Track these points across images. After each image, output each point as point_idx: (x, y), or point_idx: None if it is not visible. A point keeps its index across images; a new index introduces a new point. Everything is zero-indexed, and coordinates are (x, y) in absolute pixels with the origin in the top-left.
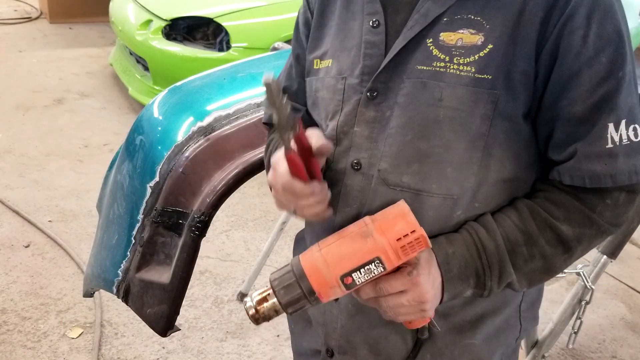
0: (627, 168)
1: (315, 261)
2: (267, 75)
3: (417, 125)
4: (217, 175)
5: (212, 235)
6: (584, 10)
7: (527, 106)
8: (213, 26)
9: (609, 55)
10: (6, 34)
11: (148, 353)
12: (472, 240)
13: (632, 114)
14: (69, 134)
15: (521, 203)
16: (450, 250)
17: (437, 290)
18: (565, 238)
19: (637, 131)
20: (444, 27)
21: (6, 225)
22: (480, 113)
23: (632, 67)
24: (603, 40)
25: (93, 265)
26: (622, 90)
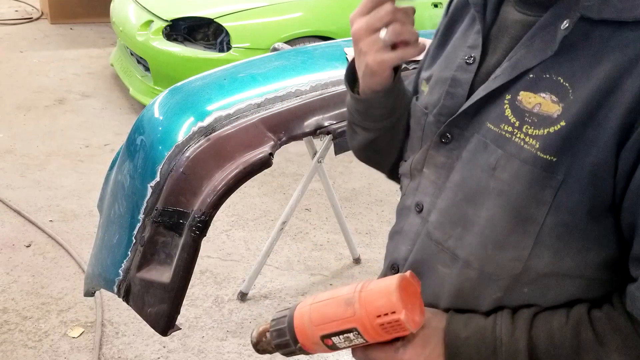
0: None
1: (303, 315)
2: None
3: (468, 187)
4: (217, 175)
5: (213, 234)
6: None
7: (592, 203)
8: (214, 27)
9: None
10: (7, 34)
11: (149, 352)
12: (493, 331)
13: None
14: (70, 134)
15: (577, 309)
16: (463, 335)
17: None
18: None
19: None
20: (527, 85)
21: (7, 225)
22: (535, 196)
23: None
24: None
25: (94, 265)
26: None
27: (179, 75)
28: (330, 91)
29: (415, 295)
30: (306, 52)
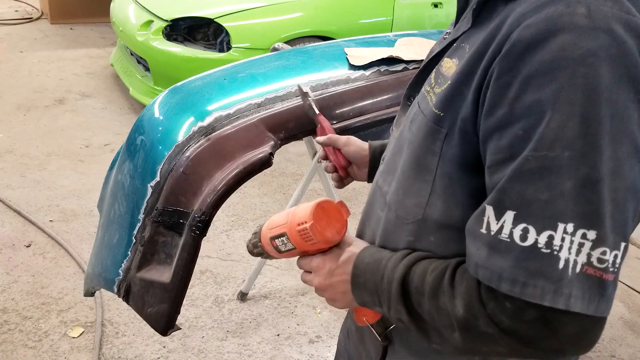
0: (492, 266)
1: (267, 221)
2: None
3: (400, 140)
4: (217, 175)
5: (213, 234)
6: (522, 52)
7: (464, 157)
8: (214, 27)
9: (524, 127)
10: (7, 34)
11: (149, 352)
12: (385, 262)
13: (528, 211)
14: (70, 134)
15: (455, 259)
16: (367, 260)
17: (340, 287)
18: (454, 316)
19: (527, 235)
20: (450, 52)
21: (7, 225)
22: (430, 147)
23: (571, 159)
24: (529, 106)
25: (94, 265)
26: (522, 175)
27: (179, 75)
28: (330, 91)
29: (335, 218)
30: (306, 52)
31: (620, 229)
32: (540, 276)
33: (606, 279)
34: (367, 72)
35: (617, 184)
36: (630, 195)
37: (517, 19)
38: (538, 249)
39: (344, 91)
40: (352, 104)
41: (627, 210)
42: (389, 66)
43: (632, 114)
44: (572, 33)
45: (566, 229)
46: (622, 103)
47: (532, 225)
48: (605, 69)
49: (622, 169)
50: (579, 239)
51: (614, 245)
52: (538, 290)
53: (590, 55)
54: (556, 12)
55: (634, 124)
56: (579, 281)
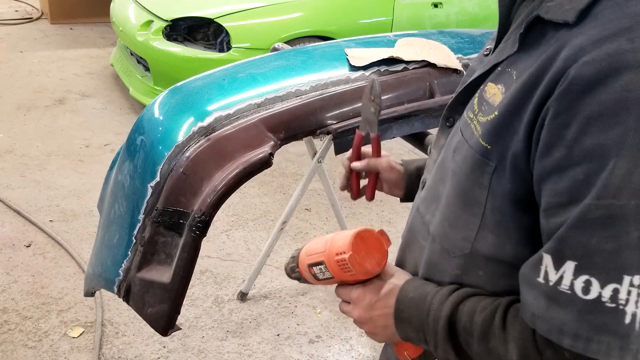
0: (553, 319)
1: (304, 248)
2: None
3: (442, 168)
4: (217, 175)
5: (213, 235)
6: (582, 91)
7: (516, 193)
8: (214, 27)
9: (585, 172)
10: (7, 34)
11: (149, 352)
12: (431, 298)
13: (591, 262)
14: (70, 134)
15: (506, 298)
16: (411, 295)
17: (381, 321)
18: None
19: (590, 287)
20: (494, 77)
21: (7, 225)
22: (477, 180)
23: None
24: (591, 150)
25: (94, 265)
26: (584, 224)
27: (179, 75)
28: (330, 91)
29: (375, 248)
30: (306, 52)
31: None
32: (605, 331)
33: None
34: (367, 72)
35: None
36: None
37: (575, 53)
38: (602, 303)
39: (344, 91)
40: (352, 104)
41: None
42: (389, 66)
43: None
44: (637, 72)
45: (632, 282)
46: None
47: (596, 278)
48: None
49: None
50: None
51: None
52: (603, 346)
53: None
54: (619, 49)
55: None
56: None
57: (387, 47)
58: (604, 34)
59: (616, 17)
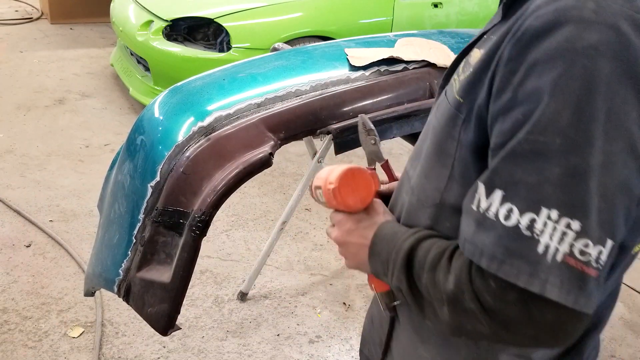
0: (477, 241)
1: (323, 169)
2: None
3: (427, 126)
4: (217, 175)
5: (213, 234)
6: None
7: (477, 143)
8: (214, 27)
9: (523, 112)
10: (7, 34)
11: (149, 352)
12: (401, 235)
13: (515, 192)
14: (70, 134)
15: (455, 242)
16: (385, 231)
17: (353, 248)
18: (444, 289)
19: (511, 215)
20: (480, 43)
21: (7, 225)
22: (450, 133)
23: (562, 147)
24: (530, 92)
25: (94, 265)
26: (514, 156)
27: (179, 75)
28: (330, 91)
29: (362, 186)
30: (306, 52)
31: (608, 225)
32: (518, 256)
33: (587, 273)
34: (367, 72)
35: (606, 179)
36: (620, 193)
37: (532, 11)
38: (519, 230)
39: (344, 91)
40: (352, 104)
41: (616, 207)
42: (389, 66)
43: (630, 112)
44: (578, 26)
45: (550, 215)
46: (620, 99)
47: (517, 206)
48: (605, 63)
49: (613, 165)
50: (563, 228)
51: (598, 240)
52: (514, 269)
53: (593, 49)
54: (566, 5)
55: (631, 122)
56: (558, 269)
57: (387, 47)
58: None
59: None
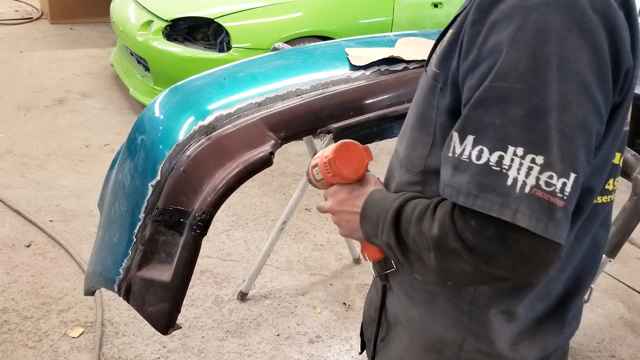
0: (453, 183)
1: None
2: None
3: (411, 106)
4: (218, 174)
5: (213, 234)
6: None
7: (453, 107)
8: (214, 27)
9: (488, 65)
10: (7, 34)
11: (149, 352)
12: (390, 198)
13: (484, 134)
14: (70, 134)
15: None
16: (376, 197)
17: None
18: (430, 236)
19: (482, 155)
20: (453, 25)
21: (7, 225)
22: (430, 102)
23: (522, 91)
24: (492, 47)
25: (94, 264)
26: (481, 103)
27: (179, 75)
28: (331, 90)
29: (356, 159)
30: (306, 52)
31: (569, 159)
32: (490, 190)
33: (554, 203)
34: (367, 72)
35: (564, 117)
36: (578, 129)
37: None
38: (489, 167)
39: (344, 90)
40: (353, 103)
41: (576, 142)
42: (390, 66)
43: (581, 57)
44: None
45: (516, 152)
46: (571, 46)
47: (486, 147)
48: (556, 15)
49: (570, 104)
50: (528, 163)
51: (562, 173)
52: (487, 202)
53: (543, 4)
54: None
55: (583, 66)
56: (527, 200)
57: (388, 47)
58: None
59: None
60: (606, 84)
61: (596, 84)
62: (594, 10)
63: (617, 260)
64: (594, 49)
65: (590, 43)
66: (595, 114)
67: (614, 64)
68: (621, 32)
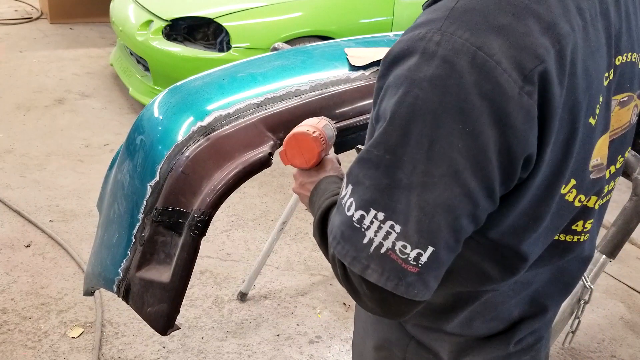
0: (332, 220)
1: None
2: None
3: None
4: (217, 174)
5: (213, 235)
6: (389, 64)
7: None
8: (213, 26)
9: (377, 127)
10: (7, 34)
11: (148, 352)
12: (327, 194)
13: (356, 190)
14: (70, 134)
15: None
16: (322, 186)
17: (305, 199)
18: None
19: (351, 208)
20: None
21: (7, 225)
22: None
23: (390, 162)
24: (382, 111)
25: (93, 264)
26: (360, 160)
27: (179, 75)
28: (330, 91)
29: (307, 149)
30: (306, 52)
31: (427, 234)
32: (348, 241)
33: (406, 268)
34: (367, 72)
35: (426, 196)
36: (440, 210)
37: (402, 34)
38: (352, 221)
39: (343, 91)
40: (352, 103)
41: (436, 221)
42: None
43: (455, 142)
44: (420, 57)
45: (377, 216)
46: (446, 130)
47: (355, 202)
48: (435, 96)
49: (434, 186)
50: (387, 228)
51: (417, 245)
52: (344, 251)
53: (426, 81)
54: (418, 35)
55: (456, 152)
56: (380, 259)
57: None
58: (420, 21)
59: (438, 8)
60: (484, 170)
61: (470, 170)
62: (481, 94)
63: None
64: (472, 136)
65: (468, 130)
66: (464, 197)
67: (506, 152)
68: (513, 120)
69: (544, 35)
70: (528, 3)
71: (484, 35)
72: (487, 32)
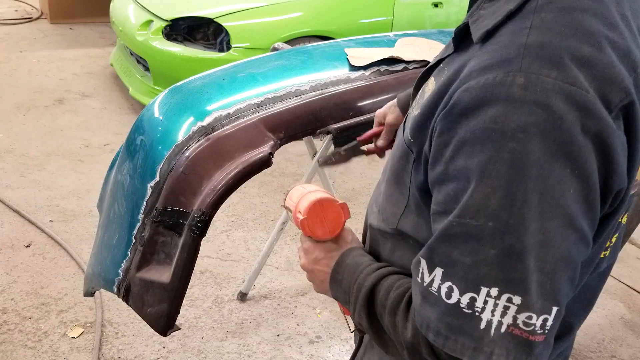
0: (423, 314)
1: (297, 186)
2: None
3: (396, 141)
4: (217, 175)
5: (213, 235)
6: (459, 115)
7: (423, 186)
8: (213, 26)
9: (454, 189)
10: (7, 34)
11: (148, 352)
12: (362, 268)
13: (454, 272)
14: (70, 134)
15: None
16: (348, 261)
17: (320, 275)
18: (403, 337)
19: (452, 293)
20: (436, 72)
21: (7, 225)
22: (404, 166)
23: (495, 230)
24: (460, 170)
25: (94, 265)
26: (448, 237)
27: (179, 75)
28: (330, 91)
29: (332, 218)
30: (306, 52)
31: (551, 295)
32: (461, 333)
33: (533, 340)
34: (367, 72)
35: (544, 255)
36: (561, 264)
37: (465, 76)
38: (460, 308)
39: (343, 91)
40: (352, 103)
41: (558, 278)
42: (389, 66)
43: (566, 189)
44: (505, 105)
45: (490, 293)
46: (554, 179)
47: (456, 286)
48: (535, 145)
49: (551, 241)
50: (504, 302)
51: (542, 311)
52: (459, 345)
53: (521, 131)
54: (495, 81)
55: (568, 199)
56: (503, 340)
57: (387, 47)
58: (488, 62)
59: (505, 46)
60: (593, 210)
61: (582, 213)
62: (584, 132)
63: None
64: (582, 178)
65: (578, 172)
66: (580, 242)
67: (603, 187)
68: (616, 155)
69: (622, 64)
70: (603, 31)
71: (571, 70)
72: (571, 66)
